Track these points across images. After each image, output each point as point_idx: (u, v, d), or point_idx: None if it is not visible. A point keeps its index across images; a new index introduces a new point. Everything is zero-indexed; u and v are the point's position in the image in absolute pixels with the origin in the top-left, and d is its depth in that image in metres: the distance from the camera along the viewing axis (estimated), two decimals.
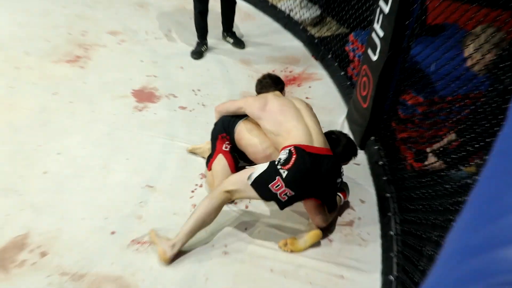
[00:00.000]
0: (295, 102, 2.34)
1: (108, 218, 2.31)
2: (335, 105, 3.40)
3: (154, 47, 3.92)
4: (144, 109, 3.14)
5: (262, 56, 3.94)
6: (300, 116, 2.22)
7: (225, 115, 2.47)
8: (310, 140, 2.11)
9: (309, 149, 2.07)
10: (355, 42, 3.40)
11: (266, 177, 2.01)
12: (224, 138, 2.44)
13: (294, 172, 1.99)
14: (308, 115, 2.26)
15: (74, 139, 2.81)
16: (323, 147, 2.13)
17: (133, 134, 2.90)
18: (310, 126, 2.18)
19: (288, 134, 2.12)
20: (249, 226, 2.33)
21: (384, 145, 2.75)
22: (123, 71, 3.55)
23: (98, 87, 3.34)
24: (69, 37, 3.80)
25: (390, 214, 2.35)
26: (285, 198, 2.03)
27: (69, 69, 3.49)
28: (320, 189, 2.13)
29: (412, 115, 2.53)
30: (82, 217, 2.30)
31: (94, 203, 2.39)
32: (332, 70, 3.70)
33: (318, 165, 2.05)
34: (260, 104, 2.28)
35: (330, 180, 2.14)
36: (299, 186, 2.02)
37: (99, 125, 2.94)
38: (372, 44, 2.59)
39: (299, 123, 2.16)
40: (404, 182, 2.39)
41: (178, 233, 2.08)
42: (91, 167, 2.61)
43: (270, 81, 2.56)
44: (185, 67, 3.71)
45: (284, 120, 2.18)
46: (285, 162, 2.02)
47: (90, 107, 3.10)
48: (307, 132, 2.14)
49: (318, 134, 2.17)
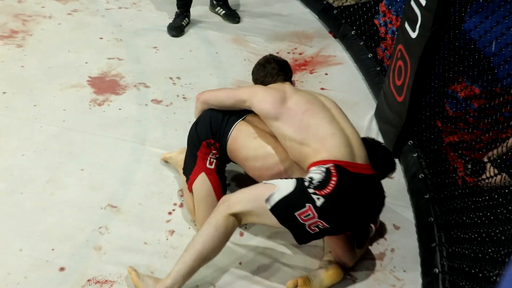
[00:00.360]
0: (320, 97, 2.27)
1: (56, 250, 2.29)
2: (359, 98, 3.41)
3: (118, 20, 3.92)
4: (104, 103, 3.14)
5: (262, 33, 3.96)
6: (333, 118, 2.16)
7: (214, 110, 2.38)
8: (351, 154, 2.05)
9: (353, 167, 2.01)
10: (388, 14, 3.42)
11: (293, 203, 1.96)
12: (210, 146, 2.35)
13: (333, 201, 1.94)
14: (342, 118, 2.21)
15: (9, 143, 2.79)
16: (366, 163, 2.09)
17: (89, 137, 2.89)
18: (349, 134, 2.13)
19: (322, 145, 2.05)
20: (246, 259, 2.33)
21: (426, 152, 2.76)
22: (76, 51, 3.55)
23: (42, 73, 3.33)
24: (0, 4, 3.81)
25: (434, 245, 2.35)
26: (315, 230, 1.99)
27: (1, 48, 3.48)
28: (363, 220, 2.14)
29: (464, 112, 2.54)
30: (20, 248, 2.28)
31: (37, 228, 2.37)
32: (356, 51, 3.72)
33: (364, 190, 2.02)
34: (277, 99, 2.18)
35: (376, 209, 2.15)
36: (338, 219, 1.99)
37: (43, 124, 2.93)
38: (411, 16, 2.60)
39: (335, 129, 2.10)
40: (454, 202, 2.40)
41: (170, 273, 2.02)
42: (32, 180, 2.59)
43: (277, 67, 2.43)
44: (160, 47, 3.71)
45: (313, 123, 2.10)
46: (320, 185, 1.95)
47: (30, 100, 3.09)
48: (346, 142, 2.08)
49: (360, 145, 2.13)
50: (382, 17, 3.50)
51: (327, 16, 4.08)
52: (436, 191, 2.58)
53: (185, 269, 2.00)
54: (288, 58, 3.68)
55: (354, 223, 2.11)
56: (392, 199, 2.70)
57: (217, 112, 2.36)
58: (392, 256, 2.43)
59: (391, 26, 3.38)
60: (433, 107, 2.73)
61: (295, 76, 3.51)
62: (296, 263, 2.34)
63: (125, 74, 3.39)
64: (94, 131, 2.92)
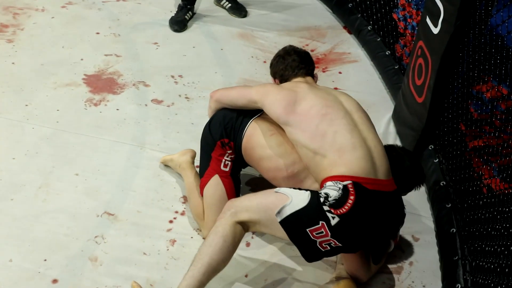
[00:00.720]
0: (341, 98, 2.22)
1: (48, 260, 2.30)
2: (376, 99, 3.41)
3: (115, 13, 3.95)
4: (101, 102, 3.16)
5: (271, 28, 3.97)
6: (355, 126, 2.11)
7: (227, 109, 2.37)
8: (373, 169, 2.03)
9: (373, 184, 2.00)
10: (408, 7, 3.42)
11: (305, 219, 1.98)
12: (225, 146, 2.36)
13: (349, 221, 1.95)
14: (366, 125, 2.16)
15: None
16: (388, 178, 2.08)
17: (85, 139, 2.91)
18: (371, 145, 2.09)
19: (340, 157, 2.02)
20: (253, 272, 2.33)
21: (448, 158, 2.76)
22: (71, 47, 3.58)
23: (34, 70, 3.36)
24: None
25: (456, 258, 2.35)
26: (327, 248, 2.01)
27: None
28: (378, 239, 2.15)
29: (490, 114, 2.54)
30: (9, 258, 2.29)
31: (28, 237, 2.38)
32: (372, 48, 3.73)
33: (382, 209, 2.02)
34: (288, 101, 2.14)
35: (394, 227, 2.16)
36: (352, 238, 2.01)
37: (35, 126, 2.96)
38: (433, 9, 2.61)
39: (356, 139, 2.05)
40: (478, 211, 2.40)
41: (180, 285, 2.01)
42: (23, 185, 2.61)
43: (298, 60, 2.39)
44: (161, 43, 3.73)
45: (330, 131, 2.06)
46: (336, 203, 1.95)
47: (21, 99, 3.12)
48: (368, 155, 2.04)
49: (382, 157, 2.10)
50: (401, 11, 3.50)
51: (342, 10, 4.09)
52: (459, 200, 2.57)
53: (193, 284, 1.98)
54: None
55: (369, 242, 2.12)
56: (411, 208, 2.71)
57: (231, 110, 2.36)
58: (411, 270, 2.43)
59: (411, 21, 3.38)
60: (456, 108, 2.72)
61: None
62: (306, 277, 2.35)
63: (123, 72, 3.41)
64: (90, 133, 2.94)
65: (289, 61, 2.40)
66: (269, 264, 2.38)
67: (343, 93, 2.32)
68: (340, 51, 3.81)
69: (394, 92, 3.37)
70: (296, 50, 2.46)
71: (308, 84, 2.29)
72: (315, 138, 2.07)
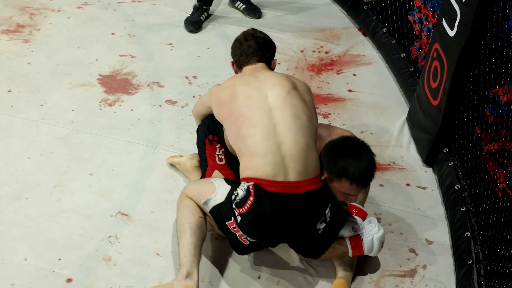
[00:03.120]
0: (269, 92, 2.21)
1: (63, 260, 2.33)
2: (391, 101, 3.41)
3: (131, 14, 3.97)
4: (116, 103, 3.19)
5: (285, 30, 3.97)
6: (273, 129, 2.13)
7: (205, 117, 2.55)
8: (283, 172, 2.09)
9: (276, 187, 2.08)
10: (424, 9, 3.41)
11: (223, 213, 2.20)
12: (212, 142, 2.51)
13: (249, 220, 2.12)
14: (286, 121, 2.15)
15: (13, 145, 2.85)
16: (301, 179, 2.10)
17: (99, 139, 2.93)
18: (285, 151, 2.10)
19: (250, 161, 2.13)
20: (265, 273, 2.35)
21: (463, 161, 2.75)
22: (86, 48, 3.61)
23: (49, 70, 3.39)
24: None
25: (471, 262, 2.34)
26: (247, 242, 2.21)
27: (7, 43, 3.56)
28: (290, 236, 2.23)
29: (506, 118, 2.53)
30: (24, 257, 2.32)
31: (42, 237, 2.41)
32: (387, 50, 3.72)
33: (287, 210, 2.09)
34: (222, 103, 2.30)
35: (307, 226, 2.16)
36: (259, 236, 2.19)
37: (50, 126, 2.99)
38: (449, 11, 2.60)
39: (269, 148, 2.10)
40: (493, 215, 2.39)
41: (180, 261, 2.19)
42: (38, 185, 2.64)
43: (255, 46, 2.39)
44: (175, 43, 3.75)
45: (248, 135, 2.14)
46: (240, 202, 2.13)
47: (37, 99, 3.15)
48: (278, 161, 2.09)
49: (298, 159, 2.11)
50: (417, 13, 3.49)
51: (357, 12, 4.08)
52: (473, 204, 2.56)
53: (189, 249, 2.17)
54: (313, 57, 3.70)
55: (283, 239, 2.28)
56: (424, 211, 2.71)
57: (207, 118, 2.53)
58: (424, 274, 2.42)
59: (426, 23, 3.37)
60: (471, 112, 2.71)
61: (320, 76, 3.53)
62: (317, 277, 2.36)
63: (138, 72, 3.43)
64: (104, 133, 2.97)
65: (245, 47, 2.41)
66: (282, 266, 2.39)
67: (276, 83, 2.25)
68: (354, 53, 3.80)
69: (408, 94, 3.36)
70: (255, 35, 2.44)
71: (250, 76, 2.32)
72: (237, 140, 2.21)
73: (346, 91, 3.43)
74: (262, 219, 2.09)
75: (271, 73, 2.34)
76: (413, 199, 2.76)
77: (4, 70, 3.33)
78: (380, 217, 2.65)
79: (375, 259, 2.45)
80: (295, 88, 2.27)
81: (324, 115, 3.20)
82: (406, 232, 2.60)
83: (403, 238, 2.57)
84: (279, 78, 2.29)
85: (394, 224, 2.63)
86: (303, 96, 2.27)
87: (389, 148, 3.06)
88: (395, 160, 2.99)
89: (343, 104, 3.33)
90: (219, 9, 4.11)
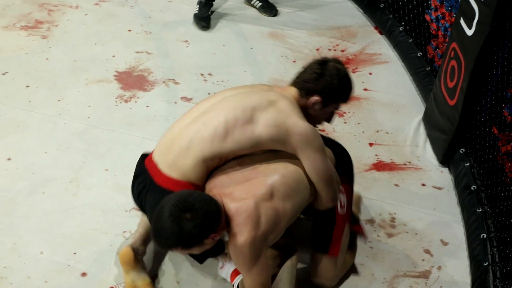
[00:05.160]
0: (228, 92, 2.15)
1: (78, 254, 2.34)
2: (406, 101, 3.38)
3: (147, 11, 3.99)
4: (131, 99, 3.20)
5: (301, 27, 3.96)
6: (189, 123, 2.06)
7: None
8: (164, 158, 2.05)
9: (151, 165, 2.10)
10: (441, 8, 3.39)
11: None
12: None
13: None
14: (197, 123, 2.02)
15: (30, 139, 2.88)
16: (167, 175, 2.01)
17: (115, 135, 2.95)
18: (181, 142, 2.01)
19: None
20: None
21: (479, 162, 2.72)
22: (103, 44, 3.62)
23: (67, 66, 3.41)
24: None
25: (487, 264, 2.32)
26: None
27: (25, 39, 3.59)
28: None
29: None
30: (40, 251, 2.34)
31: (58, 231, 2.43)
32: (404, 49, 3.69)
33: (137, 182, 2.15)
34: None
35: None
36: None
37: (67, 121, 3.00)
38: (467, 10, 2.57)
39: (173, 134, 2.09)
40: (510, 217, 2.36)
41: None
42: (54, 180, 2.66)
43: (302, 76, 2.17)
44: (191, 41, 3.76)
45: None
46: None
47: (54, 95, 3.18)
48: (169, 140, 2.07)
49: (179, 155, 2.00)
50: (434, 12, 3.46)
51: (373, 10, 4.06)
52: (490, 205, 2.54)
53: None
54: (329, 55, 3.67)
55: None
56: (440, 212, 2.69)
57: None
58: (439, 275, 2.41)
59: (444, 22, 3.34)
60: (489, 112, 2.68)
61: None
62: None
63: (154, 69, 3.44)
64: (120, 129, 2.98)
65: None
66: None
67: (222, 99, 2.09)
68: (371, 51, 3.78)
69: (425, 94, 3.33)
70: (312, 67, 2.18)
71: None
72: None
73: (362, 90, 3.41)
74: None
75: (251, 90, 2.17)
76: (428, 200, 2.75)
77: (23, 66, 3.35)
78: (394, 217, 2.64)
79: (390, 259, 2.43)
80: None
81: (339, 114, 3.18)
82: (421, 232, 2.58)
83: (417, 238, 2.55)
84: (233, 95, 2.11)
85: (409, 224, 2.61)
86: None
87: (404, 148, 3.04)
88: (410, 159, 2.96)
89: (358, 103, 3.31)
90: (234, 7, 4.11)
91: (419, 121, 3.21)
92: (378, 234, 2.55)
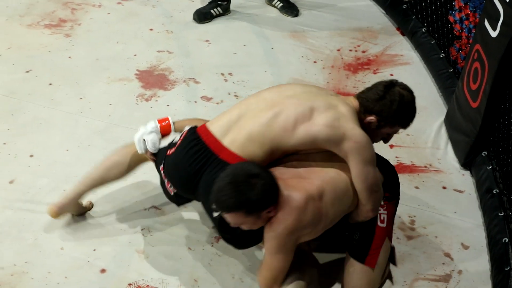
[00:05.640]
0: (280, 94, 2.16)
1: (97, 250, 2.37)
2: (428, 102, 3.35)
3: (169, 10, 4.01)
4: (152, 98, 3.22)
5: (322, 28, 3.95)
6: (247, 109, 2.12)
7: None
8: (225, 133, 2.07)
9: (202, 134, 2.09)
10: (465, 9, 3.35)
11: (158, 158, 2.25)
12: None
13: (167, 163, 2.16)
14: (260, 114, 2.07)
15: (52, 137, 2.91)
16: (232, 151, 2.04)
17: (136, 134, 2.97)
18: (243, 122, 2.07)
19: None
20: None
21: (502, 165, 2.69)
22: (125, 43, 3.65)
23: (89, 64, 3.45)
24: None
25: (508, 269, 2.29)
26: (172, 192, 2.25)
27: (49, 37, 3.63)
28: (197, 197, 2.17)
29: None
30: (61, 247, 2.37)
31: (78, 228, 2.46)
32: (426, 50, 3.67)
33: (196, 161, 2.06)
34: None
35: (202, 193, 2.08)
36: (170, 180, 2.20)
37: (88, 119, 3.03)
38: (492, 12, 2.54)
39: (237, 115, 2.12)
40: None
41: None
42: (75, 177, 2.67)
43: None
44: (212, 40, 3.77)
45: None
46: (173, 143, 2.19)
47: (76, 93, 3.21)
48: (228, 124, 2.10)
49: (246, 137, 2.04)
50: (457, 13, 3.43)
51: (395, 11, 4.03)
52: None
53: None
54: (350, 56, 3.67)
55: (186, 192, 2.21)
56: (461, 215, 2.67)
57: None
58: (459, 279, 2.39)
59: (467, 24, 3.31)
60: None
61: (357, 76, 3.50)
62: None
63: (175, 68, 3.46)
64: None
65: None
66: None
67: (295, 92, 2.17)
68: (392, 52, 3.76)
69: (447, 96, 3.30)
70: (377, 87, 2.23)
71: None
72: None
73: None
74: (181, 156, 2.12)
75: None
76: (449, 203, 2.72)
77: (46, 64, 3.39)
78: (414, 220, 2.62)
79: (410, 262, 2.42)
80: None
81: None
82: (442, 235, 2.56)
83: (438, 241, 2.53)
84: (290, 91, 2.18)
85: (429, 228, 2.59)
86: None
87: (425, 150, 3.02)
88: (431, 162, 2.94)
89: None
90: (255, 7, 4.11)
91: (441, 123, 3.18)
92: (397, 237, 2.53)
